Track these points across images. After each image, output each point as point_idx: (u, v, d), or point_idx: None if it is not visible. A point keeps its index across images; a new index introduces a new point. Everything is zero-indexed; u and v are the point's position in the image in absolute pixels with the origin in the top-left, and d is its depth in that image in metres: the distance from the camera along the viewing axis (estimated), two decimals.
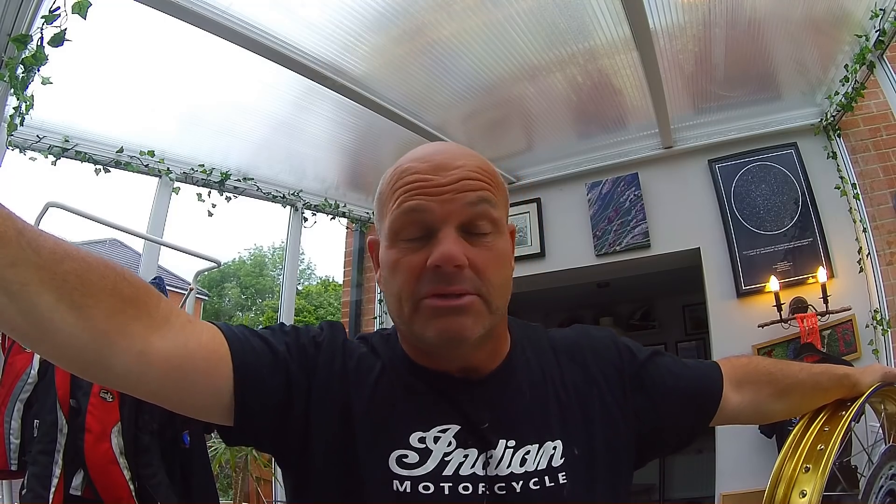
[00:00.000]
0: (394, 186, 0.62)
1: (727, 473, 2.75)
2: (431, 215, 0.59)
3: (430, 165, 0.61)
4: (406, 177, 0.62)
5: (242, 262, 21.71)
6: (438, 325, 0.59)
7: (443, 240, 0.58)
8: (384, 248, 0.63)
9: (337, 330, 0.68)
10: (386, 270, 0.63)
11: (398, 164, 0.65)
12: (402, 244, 0.61)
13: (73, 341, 0.48)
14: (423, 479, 0.59)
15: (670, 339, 5.19)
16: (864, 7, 2.24)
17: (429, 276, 0.59)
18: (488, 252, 0.61)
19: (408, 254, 0.60)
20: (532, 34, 2.31)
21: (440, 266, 0.58)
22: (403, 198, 0.60)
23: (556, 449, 0.63)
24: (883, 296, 2.57)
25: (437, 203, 0.59)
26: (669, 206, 3.22)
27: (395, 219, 0.61)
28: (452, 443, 0.61)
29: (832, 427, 0.77)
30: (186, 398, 0.57)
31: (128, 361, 0.51)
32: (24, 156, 2.49)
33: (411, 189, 0.60)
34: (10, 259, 0.44)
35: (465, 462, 0.60)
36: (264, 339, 0.62)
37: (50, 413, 1.67)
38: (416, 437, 0.61)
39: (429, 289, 0.59)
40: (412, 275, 0.59)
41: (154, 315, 0.53)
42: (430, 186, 0.60)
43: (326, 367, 0.63)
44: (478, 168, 0.63)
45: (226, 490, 4.82)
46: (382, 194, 0.65)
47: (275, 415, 0.60)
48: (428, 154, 0.63)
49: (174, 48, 2.20)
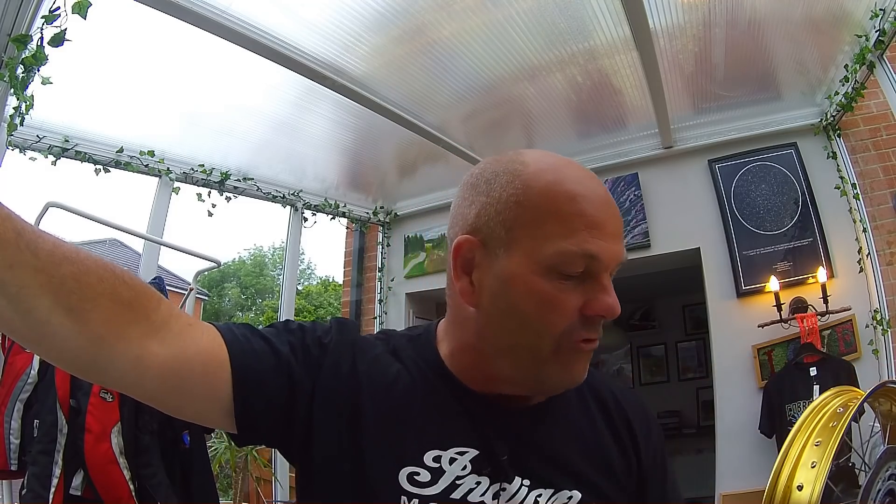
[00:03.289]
0: (567, 212, 0.56)
1: (727, 473, 2.75)
2: (602, 263, 0.56)
3: (603, 206, 0.58)
4: (580, 206, 0.56)
5: (242, 262, 21.70)
6: (578, 368, 0.59)
7: (609, 290, 0.57)
8: (528, 270, 0.56)
9: (347, 329, 0.66)
10: (526, 299, 0.57)
11: (566, 184, 0.58)
12: (559, 279, 0.56)
13: (69, 345, 0.48)
14: (431, 500, 0.57)
15: (670, 339, 5.19)
16: (864, 7, 2.24)
17: (585, 320, 0.56)
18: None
19: (565, 293, 0.56)
20: (532, 34, 2.31)
21: (606, 317, 0.57)
22: (584, 234, 0.55)
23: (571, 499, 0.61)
24: (883, 296, 2.57)
25: (609, 252, 0.56)
26: (669, 206, 3.22)
27: (569, 253, 0.55)
28: (468, 467, 0.58)
29: (833, 427, 0.78)
30: (184, 403, 0.56)
31: (124, 366, 0.50)
32: (24, 156, 2.49)
33: (591, 226, 0.56)
34: (9, 261, 0.44)
35: (477, 489, 0.58)
36: (267, 339, 0.60)
37: (50, 413, 1.67)
38: (431, 456, 0.58)
39: (581, 334, 0.57)
40: (568, 316, 0.56)
41: (153, 319, 0.52)
42: (606, 231, 0.56)
43: (332, 369, 0.61)
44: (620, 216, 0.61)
45: (226, 490, 4.82)
46: (542, 210, 0.57)
47: (277, 419, 0.58)
48: (596, 189, 0.59)
49: (174, 48, 2.20)
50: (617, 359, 5.40)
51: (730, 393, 2.85)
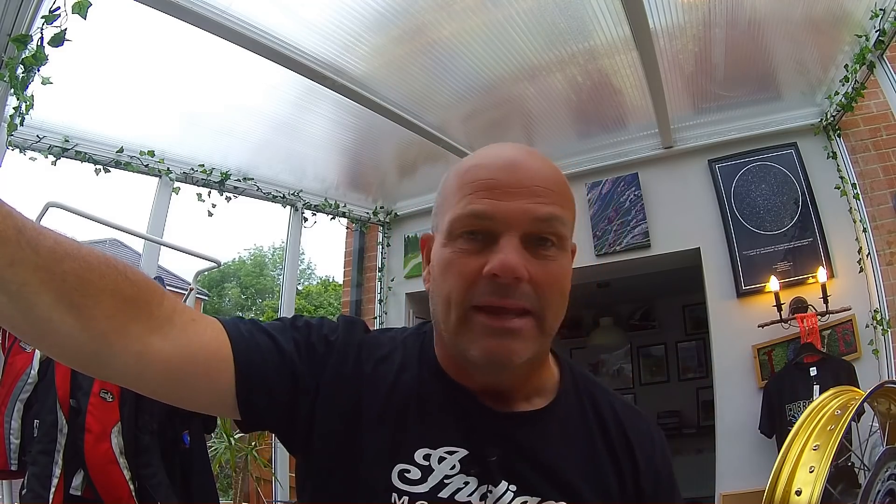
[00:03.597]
0: (461, 182, 0.59)
1: (727, 473, 2.75)
2: (496, 220, 0.56)
3: (502, 167, 0.58)
4: (472, 174, 0.59)
5: (242, 262, 21.69)
6: (487, 345, 0.56)
7: (504, 247, 0.55)
8: (439, 245, 0.60)
9: (355, 329, 0.65)
10: (437, 269, 0.59)
11: (468, 160, 0.62)
12: (460, 245, 0.57)
13: (71, 341, 0.48)
14: (420, 497, 0.57)
15: (670, 339, 5.18)
16: (864, 7, 2.24)
17: (483, 284, 0.55)
18: (550, 268, 0.57)
19: (464, 256, 0.57)
20: (532, 34, 2.31)
21: (498, 275, 0.54)
22: (471, 197, 0.57)
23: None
24: (883, 296, 2.57)
25: (505, 208, 0.56)
26: (669, 206, 3.22)
27: (457, 217, 0.57)
28: (456, 466, 0.59)
29: (831, 430, 0.78)
30: (189, 396, 0.57)
31: (126, 362, 0.50)
32: (24, 156, 2.49)
33: (480, 188, 0.57)
34: (9, 258, 0.44)
35: (464, 489, 0.58)
36: (272, 336, 0.60)
37: (50, 413, 1.68)
38: (421, 454, 0.58)
39: (482, 299, 0.55)
40: (466, 279, 0.56)
41: (155, 314, 0.53)
42: (500, 189, 0.56)
43: (336, 367, 0.61)
44: (552, 178, 0.59)
45: (226, 490, 4.82)
46: (447, 189, 0.61)
47: (279, 414, 0.59)
48: (501, 155, 0.60)
49: (174, 48, 2.20)
50: (617, 359, 5.40)
51: (730, 393, 2.85)
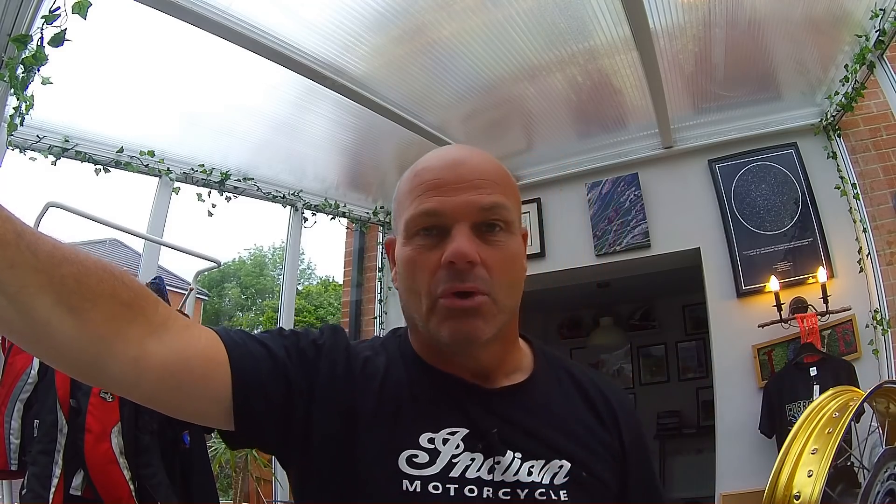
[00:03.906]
0: (411, 186, 0.65)
1: (727, 473, 2.74)
2: (446, 215, 0.62)
3: (446, 167, 0.64)
4: (420, 178, 0.65)
5: (242, 262, 21.69)
6: (452, 325, 0.60)
7: (456, 237, 0.61)
8: (400, 245, 0.66)
9: (339, 334, 0.69)
10: (402, 268, 0.65)
11: (416, 165, 0.67)
12: (418, 242, 0.63)
13: (69, 344, 0.48)
14: (432, 480, 0.59)
15: (670, 339, 5.18)
16: (864, 7, 2.24)
17: (443, 273, 0.61)
18: (500, 251, 0.63)
19: (423, 252, 0.62)
20: (532, 34, 2.31)
21: (454, 262, 0.60)
22: (421, 197, 0.63)
23: (563, 468, 0.63)
24: (883, 296, 2.57)
25: (452, 203, 0.62)
26: (669, 206, 3.22)
27: (412, 218, 0.63)
28: (461, 445, 0.61)
29: (829, 434, 0.78)
30: (184, 403, 0.57)
31: (124, 366, 0.51)
32: (24, 156, 2.49)
33: (429, 188, 0.63)
34: (9, 261, 0.44)
35: (472, 465, 0.61)
36: (263, 343, 0.62)
37: (50, 413, 1.67)
38: (425, 438, 0.61)
39: (444, 287, 0.60)
40: (428, 271, 0.62)
41: (152, 319, 0.53)
42: (446, 187, 0.62)
43: (329, 369, 0.63)
44: (492, 171, 0.65)
45: (226, 490, 4.82)
46: (400, 194, 0.68)
47: (276, 419, 0.60)
48: (445, 156, 0.67)
49: (174, 48, 2.20)
50: (617, 359, 5.40)
51: (730, 393, 2.85)
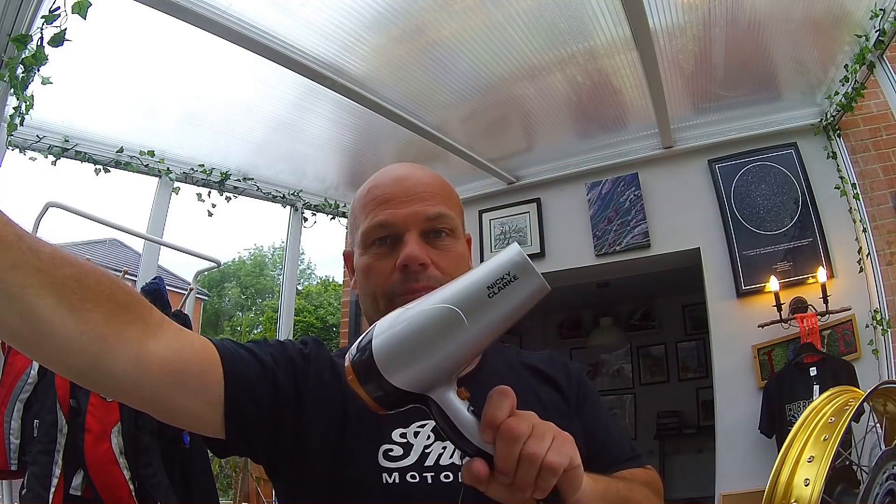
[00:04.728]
0: (364, 202, 0.74)
1: (727, 473, 2.74)
2: (397, 225, 0.70)
3: (394, 183, 0.73)
4: (371, 194, 0.73)
5: (242, 262, 21.69)
6: None
7: (408, 243, 0.69)
8: (358, 255, 0.74)
9: (323, 347, 0.74)
10: (360, 275, 0.73)
11: (367, 183, 0.76)
12: (374, 251, 0.71)
13: (71, 345, 0.48)
14: (409, 470, 0.64)
15: (670, 339, 5.18)
16: (864, 7, 2.24)
17: (398, 276, 0.68)
18: (448, 254, 0.71)
19: (379, 259, 0.71)
20: (532, 34, 2.31)
21: (408, 265, 0.67)
22: (374, 212, 0.71)
23: None
24: (883, 296, 2.57)
25: (402, 214, 0.70)
26: (669, 206, 3.22)
27: (366, 229, 0.71)
28: (430, 436, 0.66)
29: (825, 441, 0.78)
30: (181, 404, 0.58)
31: (125, 365, 0.51)
32: (24, 156, 2.49)
33: (379, 203, 0.71)
34: (11, 262, 0.45)
35: (444, 453, 0.65)
36: (250, 350, 0.65)
37: (50, 413, 1.68)
38: (398, 433, 0.66)
39: (401, 287, 0.68)
40: (384, 276, 0.69)
41: (148, 321, 0.55)
42: (395, 200, 0.71)
43: (317, 376, 0.68)
44: (434, 184, 0.75)
45: (226, 490, 4.83)
46: (354, 210, 0.76)
47: (265, 421, 0.63)
48: (392, 174, 0.75)
49: (174, 48, 2.20)
50: (617, 359, 5.40)
51: (730, 393, 2.85)
